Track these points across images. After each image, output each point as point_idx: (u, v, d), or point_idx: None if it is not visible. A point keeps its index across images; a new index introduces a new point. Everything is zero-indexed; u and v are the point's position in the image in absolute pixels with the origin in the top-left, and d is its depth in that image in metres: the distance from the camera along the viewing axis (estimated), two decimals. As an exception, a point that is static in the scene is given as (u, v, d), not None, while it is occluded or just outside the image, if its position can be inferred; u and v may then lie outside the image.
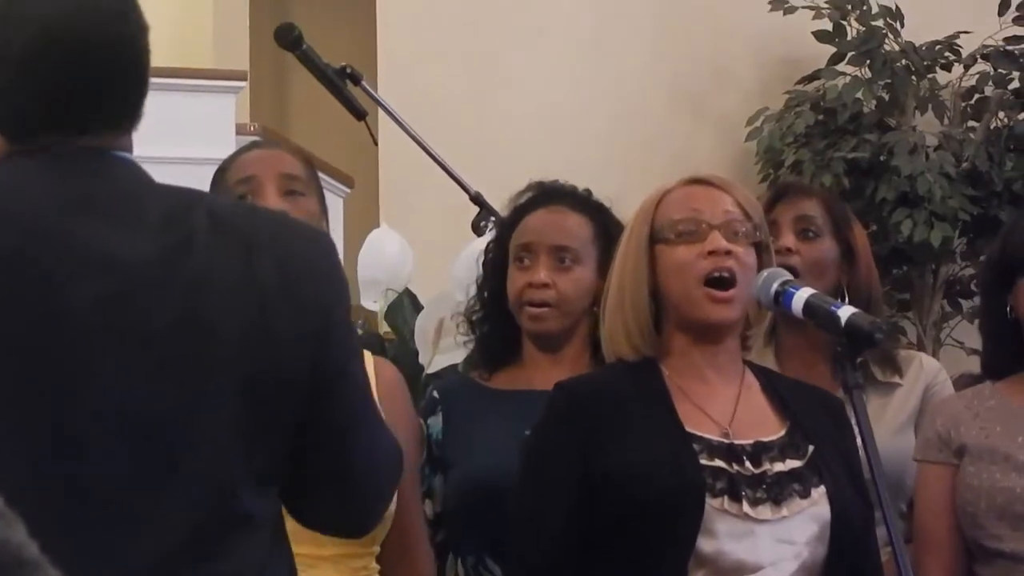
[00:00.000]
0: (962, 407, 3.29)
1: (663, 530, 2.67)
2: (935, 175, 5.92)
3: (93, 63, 2.18)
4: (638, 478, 2.68)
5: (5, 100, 2.20)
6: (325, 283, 2.26)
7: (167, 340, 2.13)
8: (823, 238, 3.45)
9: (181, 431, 2.14)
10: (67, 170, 2.19)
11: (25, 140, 2.19)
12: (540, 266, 3.21)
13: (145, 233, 2.15)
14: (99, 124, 2.21)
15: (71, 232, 2.13)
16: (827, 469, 2.79)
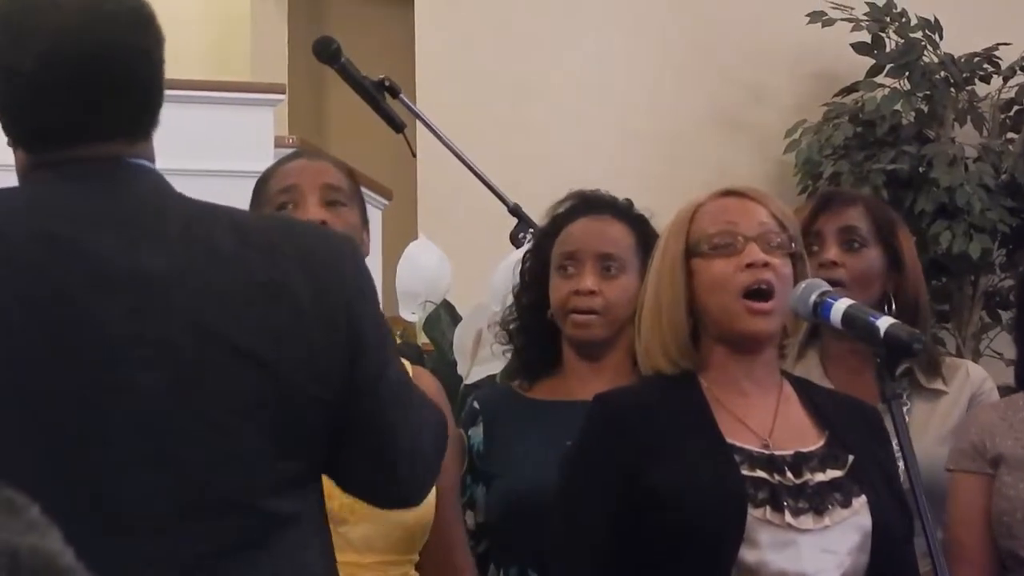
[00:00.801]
0: (997, 417, 3.29)
1: (706, 541, 2.68)
2: (974, 187, 5.92)
3: (107, 73, 2.19)
4: (682, 491, 2.69)
5: (21, 113, 2.21)
6: (354, 291, 2.26)
7: (190, 352, 2.14)
8: (869, 248, 3.42)
9: (207, 441, 2.14)
10: (86, 182, 2.20)
11: (43, 152, 2.21)
12: (586, 274, 3.20)
13: (167, 244, 2.17)
14: (116, 133, 2.21)
15: (92, 246, 2.14)
16: (867, 479, 2.79)
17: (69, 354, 2.12)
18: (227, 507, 2.16)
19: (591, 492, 2.74)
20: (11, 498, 1.08)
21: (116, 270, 2.13)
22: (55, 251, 2.14)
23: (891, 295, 3.39)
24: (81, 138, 2.20)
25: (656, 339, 2.82)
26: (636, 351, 2.92)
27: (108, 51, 2.19)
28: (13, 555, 1.02)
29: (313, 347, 2.19)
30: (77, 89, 2.18)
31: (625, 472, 2.71)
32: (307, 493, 2.24)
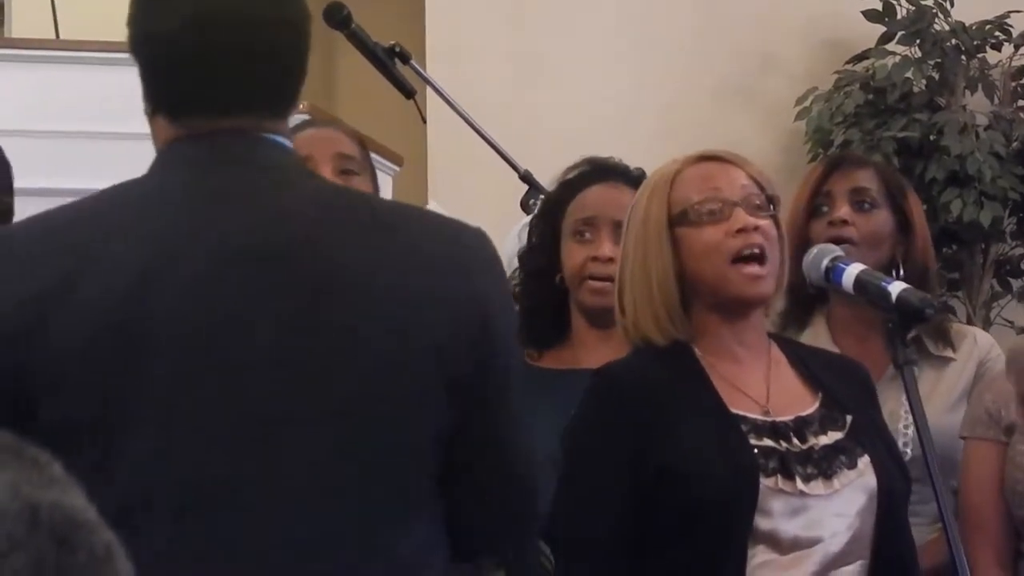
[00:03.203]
0: (1009, 384, 3.30)
1: (720, 514, 2.68)
2: (985, 155, 5.92)
3: (251, 43, 2.17)
4: (694, 465, 2.70)
5: (162, 79, 2.18)
6: (483, 282, 2.23)
7: (304, 337, 2.12)
8: (879, 209, 3.44)
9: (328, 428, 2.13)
10: (219, 158, 2.18)
11: (183, 120, 2.17)
12: (603, 240, 3.21)
13: (290, 224, 2.15)
14: (255, 106, 2.19)
15: (216, 223, 2.13)
16: (866, 438, 2.82)
17: (199, 329, 2.11)
18: (364, 485, 2.14)
19: (601, 472, 2.74)
20: (34, 455, 1.09)
21: (241, 247, 2.12)
22: (177, 230, 2.13)
23: (900, 260, 3.39)
24: (220, 109, 2.17)
25: (647, 309, 2.81)
26: (618, 322, 2.90)
27: (253, 20, 2.17)
28: (34, 509, 1.02)
29: (437, 339, 2.17)
30: (220, 57, 2.15)
31: (634, 449, 2.72)
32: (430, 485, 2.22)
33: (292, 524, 2.11)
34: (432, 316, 2.15)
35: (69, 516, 1.04)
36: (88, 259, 2.11)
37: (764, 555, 2.70)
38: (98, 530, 1.05)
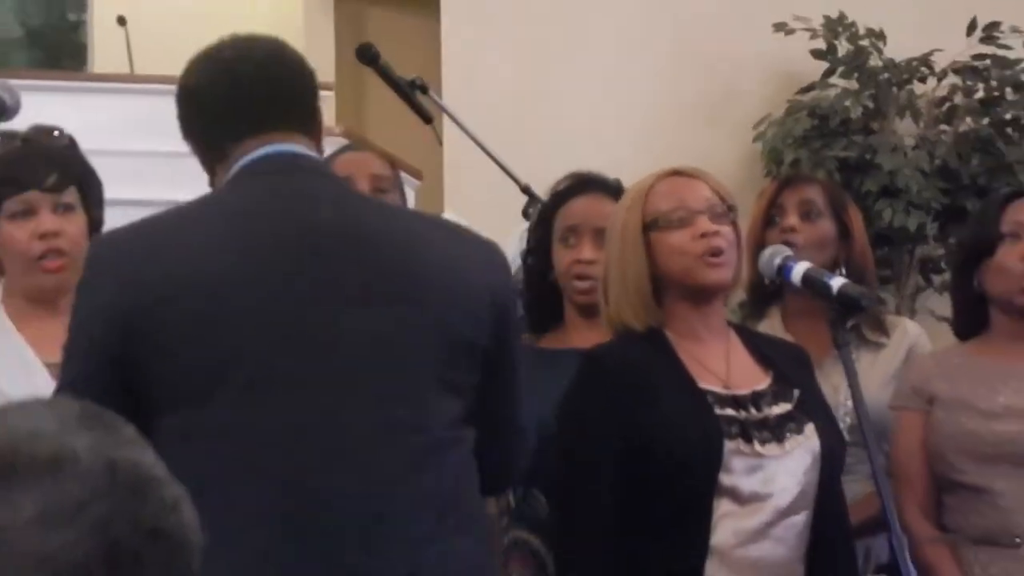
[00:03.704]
0: (932, 364, 3.31)
1: (692, 472, 2.69)
2: (912, 171, 5.92)
3: (274, 70, 2.30)
4: (670, 432, 2.69)
5: (220, 114, 2.29)
6: (499, 280, 2.35)
7: (388, 303, 2.19)
8: (823, 219, 3.44)
9: (395, 374, 2.19)
10: (283, 168, 2.25)
11: (247, 139, 2.26)
12: (585, 245, 3.20)
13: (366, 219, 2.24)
14: (294, 122, 2.29)
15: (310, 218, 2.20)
16: (811, 409, 2.82)
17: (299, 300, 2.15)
18: (407, 425, 2.19)
19: (591, 437, 2.73)
20: (112, 420, 1.09)
21: (335, 238, 2.19)
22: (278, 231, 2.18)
23: (842, 260, 3.39)
24: (269, 123, 2.27)
25: (625, 301, 2.81)
26: (601, 312, 2.91)
27: (265, 56, 2.32)
28: (111, 465, 1.02)
29: (476, 311, 2.27)
30: (255, 88, 2.27)
31: (620, 420, 2.71)
32: (461, 426, 2.27)
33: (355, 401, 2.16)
34: (467, 302, 2.24)
35: (142, 471, 1.04)
36: (191, 259, 2.14)
37: (727, 507, 2.70)
38: (167, 483, 1.05)
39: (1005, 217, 3.21)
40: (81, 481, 0.99)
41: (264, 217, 2.19)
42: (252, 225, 2.18)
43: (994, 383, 3.18)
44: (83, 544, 0.97)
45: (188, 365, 2.10)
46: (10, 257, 2.91)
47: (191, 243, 2.16)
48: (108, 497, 0.99)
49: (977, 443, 3.13)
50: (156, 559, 1.00)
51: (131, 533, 0.99)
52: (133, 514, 1.00)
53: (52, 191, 2.90)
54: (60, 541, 0.97)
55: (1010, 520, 3.10)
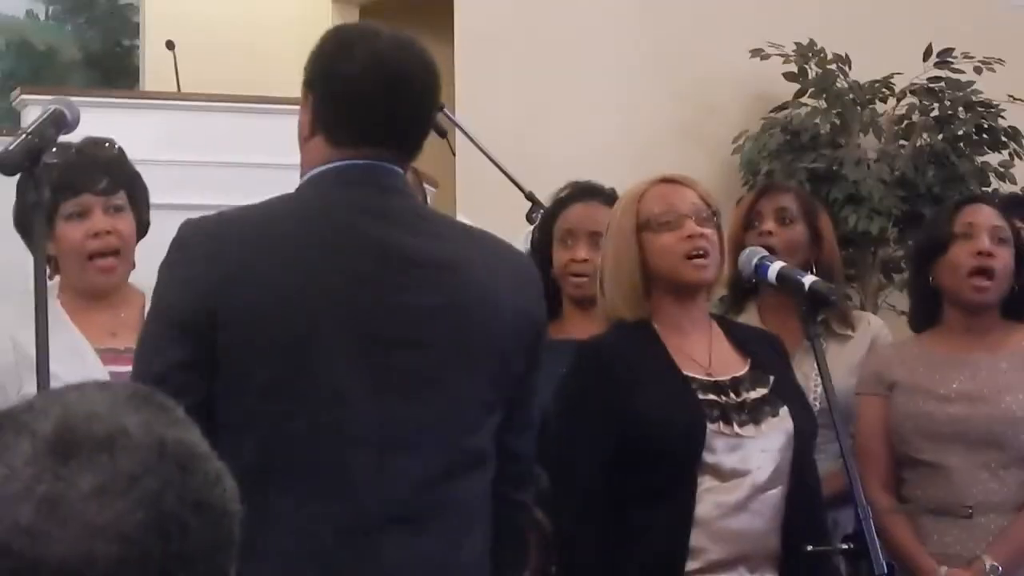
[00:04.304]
0: (893, 353, 3.33)
1: (677, 451, 2.68)
2: (874, 181, 5.94)
3: (404, 94, 2.14)
4: (657, 416, 2.69)
5: (340, 111, 2.15)
6: (539, 298, 2.28)
7: (436, 321, 2.12)
8: (796, 224, 3.46)
9: (443, 384, 2.12)
10: (369, 182, 2.15)
11: (339, 146, 2.15)
12: (580, 246, 3.25)
13: (437, 242, 2.16)
14: (395, 143, 2.17)
15: (376, 234, 2.11)
16: (785, 393, 2.81)
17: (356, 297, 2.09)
18: (453, 436, 2.14)
19: (588, 423, 2.73)
20: (162, 401, 1.08)
21: (385, 250, 2.11)
22: (352, 238, 2.11)
23: (813, 263, 3.40)
24: (374, 139, 2.15)
25: (619, 295, 2.81)
26: (598, 304, 2.91)
27: (411, 78, 2.15)
28: (161, 443, 1.02)
29: (515, 331, 2.20)
30: (385, 97, 2.13)
31: (612, 405, 2.70)
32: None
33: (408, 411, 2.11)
34: (517, 314, 2.19)
35: (188, 448, 1.04)
36: (263, 252, 2.09)
37: (709, 482, 2.69)
38: (211, 459, 1.05)
39: (957, 219, 3.22)
40: (133, 457, 0.99)
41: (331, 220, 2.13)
42: (319, 228, 2.12)
43: (948, 371, 3.18)
44: (136, 515, 0.97)
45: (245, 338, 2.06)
46: (65, 255, 2.91)
47: (267, 235, 2.11)
48: (158, 472, 1.00)
49: (933, 424, 3.14)
50: (201, 529, 1.01)
51: (179, 505, 0.99)
52: (181, 487, 1.00)
53: (104, 194, 2.91)
54: (115, 513, 0.97)
55: (962, 493, 3.10)
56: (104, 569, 0.95)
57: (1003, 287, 3.17)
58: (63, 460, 0.97)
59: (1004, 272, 3.16)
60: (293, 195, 2.19)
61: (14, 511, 0.95)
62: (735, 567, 2.70)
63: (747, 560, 2.71)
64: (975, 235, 3.17)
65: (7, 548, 0.95)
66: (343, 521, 2.07)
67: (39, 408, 1.01)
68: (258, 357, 2.05)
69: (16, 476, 0.97)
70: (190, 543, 1.00)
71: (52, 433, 0.99)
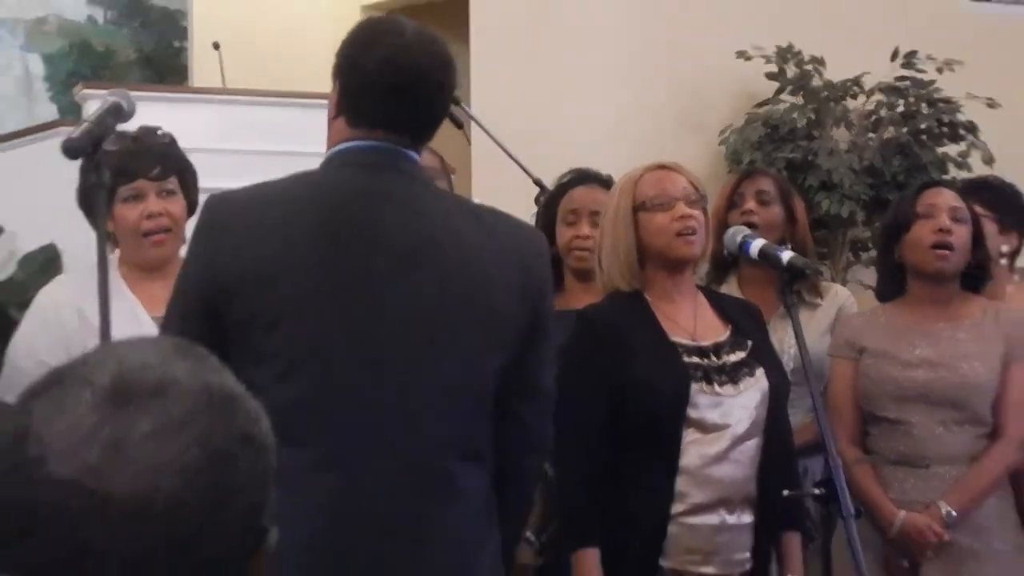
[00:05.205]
0: (863, 321, 3.32)
1: (665, 408, 2.69)
2: (845, 170, 5.92)
3: (421, 86, 2.12)
4: (648, 377, 2.70)
5: (356, 95, 2.13)
6: (543, 267, 2.22)
7: (430, 293, 2.07)
8: (774, 205, 3.48)
9: (453, 352, 2.08)
10: (380, 164, 2.13)
11: (357, 127, 2.14)
12: (583, 224, 3.26)
13: (425, 218, 2.11)
14: (409, 129, 2.15)
15: (371, 208, 2.09)
16: (762, 356, 2.82)
17: (358, 280, 2.06)
18: (462, 391, 2.10)
19: (588, 389, 2.72)
20: (200, 352, 1.09)
21: (387, 230, 2.08)
22: (354, 214, 2.09)
23: (788, 239, 3.40)
24: (386, 126, 2.13)
25: (616, 267, 2.82)
26: (597, 277, 2.91)
27: (425, 74, 2.11)
28: (206, 387, 1.03)
29: (517, 297, 2.15)
30: (397, 92, 2.11)
31: (607, 368, 2.71)
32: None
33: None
34: (512, 284, 2.14)
35: (230, 390, 1.05)
36: (285, 223, 2.07)
37: (693, 436, 2.70)
38: (249, 399, 1.06)
39: (920, 201, 3.22)
40: (184, 401, 0.99)
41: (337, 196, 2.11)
42: (326, 203, 2.11)
43: (912, 338, 3.18)
44: (190, 452, 0.98)
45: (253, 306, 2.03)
46: (123, 233, 2.92)
47: (278, 209, 2.09)
48: (206, 412, 1.00)
49: (897, 387, 3.14)
50: (247, 459, 1.01)
51: (227, 440, 1.00)
52: (227, 424, 1.01)
53: (157, 179, 2.92)
54: (173, 451, 0.97)
55: (921, 446, 3.11)
56: (166, 501, 0.96)
57: (961, 261, 3.17)
58: (122, 406, 0.98)
59: (962, 247, 3.16)
60: (310, 173, 2.18)
61: (82, 453, 0.96)
62: (716, 510, 2.71)
63: (727, 503, 2.72)
64: (935, 215, 3.17)
65: (79, 486, 0.95)
66: (337, 489, 2.02)
67: (94, 362, 1.02)
68: (260, 327, 2.02)
69: (81, 422, 0.97)
70: (239, 473, 1.01)
71: (110, 383, 0.99)
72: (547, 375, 2.25)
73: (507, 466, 2.19)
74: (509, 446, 2.18)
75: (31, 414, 0.98)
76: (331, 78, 2.19)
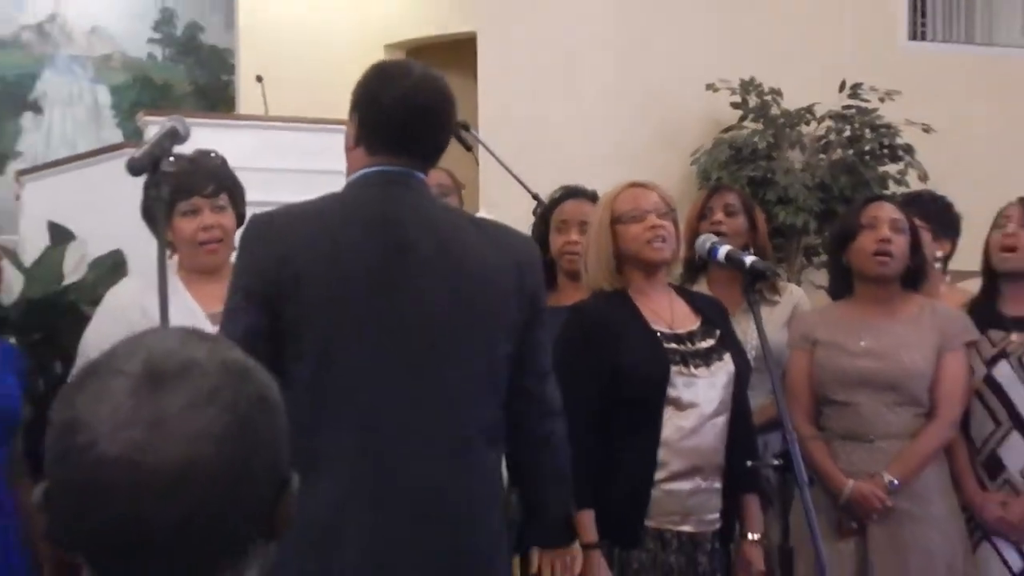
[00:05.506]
0: (817, 317, 3.31)
1: (649, 388, 2.68)
2: (799, 187, 5.93)
3: (429, 118, 2.14)
4: (634, 363, 2.69)
5: (374, 127, 2.14)
6: (536, 270, 2.23)
7: (443, 292, 2.09)
8: (738, 216, 3.46)
9: (465, 342, 2.10)
10: (397, 184, 2.14)
11: (375, 154, 2.14)
12: (572, 232, 3.25)
13: (438, 229, 2.12)
14: (419, 156, 2.16)
15: (400, 229, 2.10)
16: (728, 344, 2.81)
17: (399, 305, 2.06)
18: (477, 369, 2.11)
19: (580, 379, 2.70)
20: (213, 335, 1.08)
21: (401, 243, 2.09)
22: (378, 226, 2.10)
23: (751, 246, 3.39)
24: (401, 152, 2.13)
25: (598, 270, 2.82)
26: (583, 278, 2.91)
27: (432, 110, 2.13)
28: (224, 363, 1.01)
29: (516, 298, 2.15)
30: (409, 126, 2.12)
31: (598, 354, 2.70)
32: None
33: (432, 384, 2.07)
34: (512, 282, 2.15)
35: (243, 363, 1.03)
36: (309, 237, 2.09)
37: (671, 412, 2.69)
38: (260, 368, 1.05)
39: (864, 214, 3.20)
40: (207, 378, 0.98)
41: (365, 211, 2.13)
42: (356, 217, 2.12)
43: (858, 332, 3.17)
44: (220, 420, 0.97)
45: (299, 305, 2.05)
46: (181, 242, 2.92)
47: (315, 223, 2.11)
48: (228, 384, 0.99)
49: (845, 374, 3.13)
50: (266, 420, 1.00)
51: (249, 405, 0.99)
52: (246, 392, 1.00)
53: (210, 196, 2.90)
54: (204, 421, 0.96)
55: (867, 424, 3.10)
56: (205, 465, 0.95)
57: (900, 265, 3.16)
58: (155, 388, 0.97)
59: (900, 254, 3.15)
60: (338, 193, 2.19)
61: (127, 433, 0.95)
62: (691, 476, 2.71)
63: (700, 471, 2.72)
64: (877, 226, 3.16)
65: (128, 461, 0.94)
66: (377, 471, 2.04)
67: (123, 354, 1.01)
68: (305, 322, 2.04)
69: (121, 406, 0.96)
70: (261, 432, 1.00)
71: (142, 369, 0.98)
72: (546, 357, 2.27)
73: (529, 435, 2.22)
74: (527, 416, 2.21)
75: (75, 406, 0.97)
76: (349, 113, 2.20)
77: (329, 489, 2.01)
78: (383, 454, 2.04)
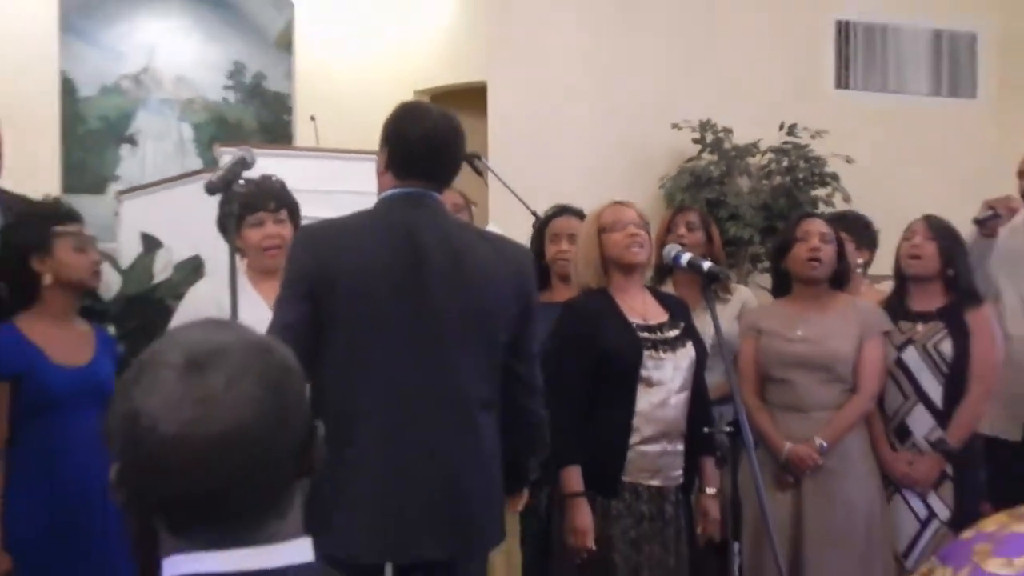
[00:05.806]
0: (761, 311, 3.31)
1: (626, 369, 2.68)
2: (747, 207, 5.90)
3: (448, 151, 2.14)
4: (615, 349, 2.69)
5: (401, 160, 2.13)
6: (530, 274, 2.21)
7: (455, 292, 2.08)
8: (698, 231, 3.46)
9: (471, 337, 2.09)
10: (418, 202, 2.13)
11: (402, 179, 2.14)
12: (563, 242, 3.24)
13: (451, 239, 2.12)
14: (441, 180, 2.16)
15: (420, 239, 2.09)
16: (690, 334, 2.81)
17: (415, 305, 2.05)
18: (485, 359, 2.10)
19: (571, 360, 2.70)
20: (233, 322, 1.05)
21: (433, 252, 2.08)
22: (402, 237, 2.09)
23: (708, 254, 3.38)
24: (421, 177, 2.13)
25: (587, 272, 2.82)
26: (573, 278, 2.91)
27: (447, 144, 2.13)
28: (249, 343, 0.99)
29: (515, 301, 2.14)
30: (430, 157, 2.11)
31: (586, 340, 2.69)
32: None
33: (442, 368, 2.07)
34: (510, 284, 2.14)
35: (264, 341, 1.01)
36: (344, 246, 2.08)
37: (643, 389, 2.69)
38: (282, 347, 1.02)
39: (798, 228, 3.21)
40: (239, 357, 0.96)
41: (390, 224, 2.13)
42: (382, 229, 2.12)
43: (795, 322, 3.17)
44: (257, 391, 0.95)
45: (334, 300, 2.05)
46: (249, 249, 2.92)
47: (350, 235, 2.12)
48: (257, 359, 0.96)
49: (784, 357, 3.13)
50: (292, 384, 0.98)
51: (277, 375, 0.97)
52: (273, 363, 0.97)
53: (273, 212, 2.91)
54: (244, 393, 0.94)
55: (802, 398, 3.10)
56: (250, 430, 0.94)
57: (828, 270, 3.16)
58: (197, 373, 0.94)
59: (828, 260, 3.15)
60: (369, 209, 2.20)
61: (181, 413, 0.93)
62: (659, 441, 2.71)
63: (667, 436, 2.72)
64: (809, 238, 3.16)
65: (185, 435, 0.93)
66: (400, 435, 2.04)
67: (163, 349, 0.98)
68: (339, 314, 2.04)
69: (172, 393, 0.94)
70: (290, 394, 0.98)
71: (183, 360, 0.95)
72: (535, 345, 2.26)
73: (515, 410, 2.21)
74: (515, 395, 2.20)
75: (133, 398, 0.95)
76: (380, 144, 2.20)
77: (364, 433, 2.01)
78: (403, 413, 2.04)
